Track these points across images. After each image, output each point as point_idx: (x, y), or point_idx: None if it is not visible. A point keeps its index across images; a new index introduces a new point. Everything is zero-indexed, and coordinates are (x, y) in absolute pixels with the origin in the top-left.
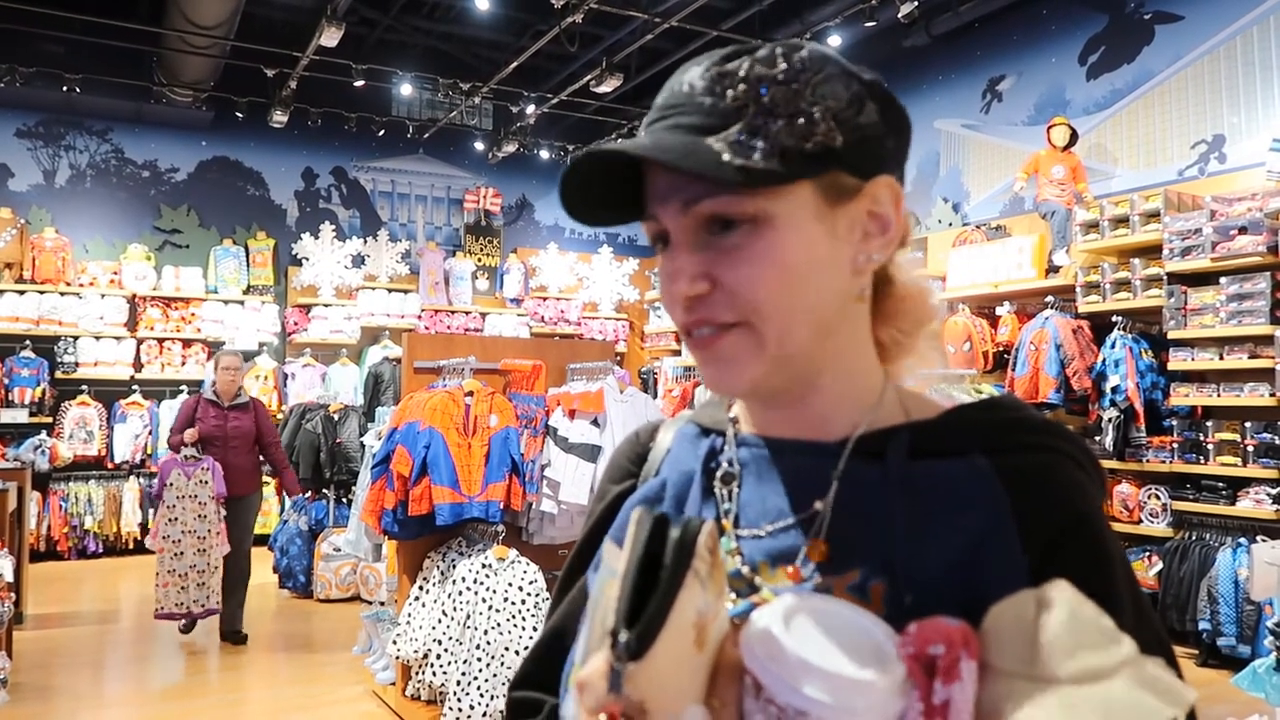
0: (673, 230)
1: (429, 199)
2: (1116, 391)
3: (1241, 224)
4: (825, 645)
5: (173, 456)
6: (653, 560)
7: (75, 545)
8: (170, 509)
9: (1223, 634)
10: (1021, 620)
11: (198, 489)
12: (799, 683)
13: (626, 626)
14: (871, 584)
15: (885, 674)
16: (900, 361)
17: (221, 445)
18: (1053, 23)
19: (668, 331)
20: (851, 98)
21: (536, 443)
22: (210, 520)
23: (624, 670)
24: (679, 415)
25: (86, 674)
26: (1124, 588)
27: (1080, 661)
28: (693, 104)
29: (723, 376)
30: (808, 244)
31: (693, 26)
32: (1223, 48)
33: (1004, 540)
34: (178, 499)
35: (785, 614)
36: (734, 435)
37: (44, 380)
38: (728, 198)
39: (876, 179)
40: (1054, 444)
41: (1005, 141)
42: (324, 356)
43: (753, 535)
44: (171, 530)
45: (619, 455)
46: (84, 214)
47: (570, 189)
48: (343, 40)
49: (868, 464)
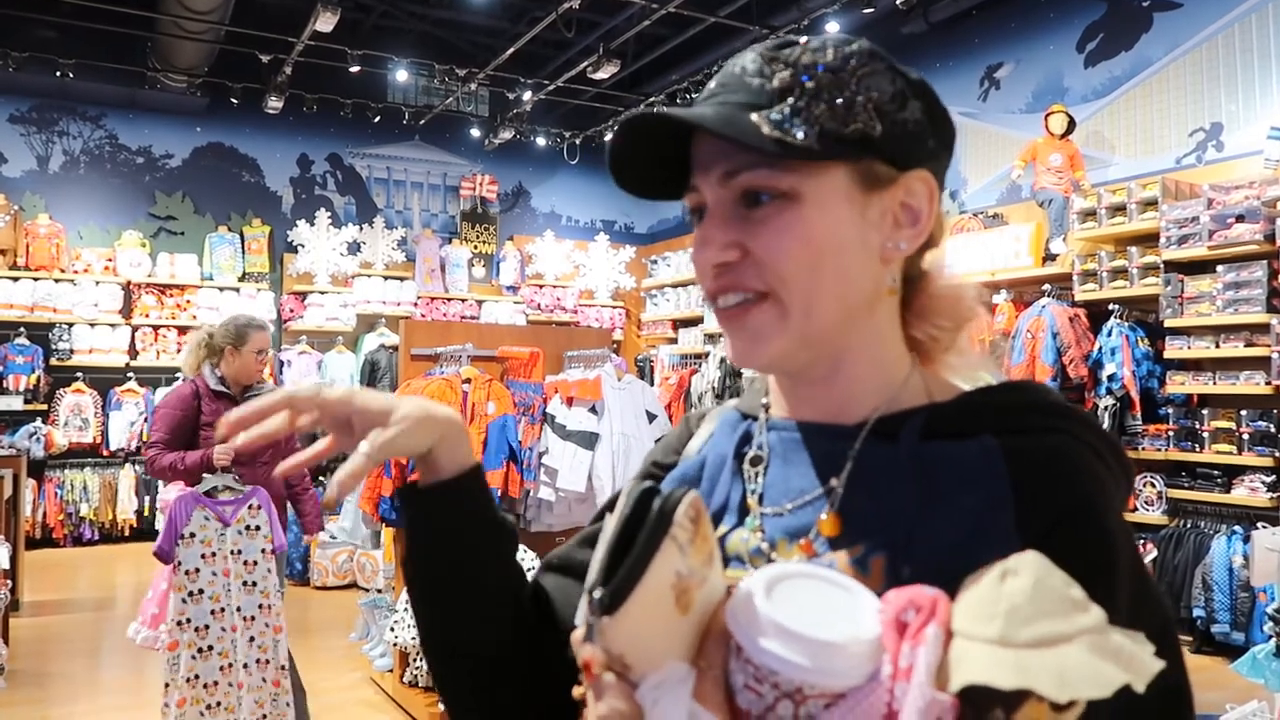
0: (710, 201)
1: (425, 186)
2: (1113, 379)
3: (1239, 212)
4: (803, 611)
5: (187, 491)
6: (638, 527)
7: (71, 532)
8: (190, 578)
9: (1217, 621)
10: (985, 586)
11: (243, 540)
12: (773, 645)
13: (603, 584)
14: (873, 558)
15: (856, 638)
16: (942, 358)
17: (248, 462)
18: (1051, 10)
19: (664, 319)
20: (895, 93)
21: (534, 430)
22: (267, 590)
23: (598, 624)
24: (727, 403)
25: (83, 661)
26: (1124, 574)
27: (1039, 627)
28: (742, 84)
29: (749, 349)
30: (835, 223)
31: (690, 13)
32: (1221, 36)
33: (1002, 521)
34: (204, 560)
35: (769, 581)
36: (765, 420)
37: (39, 367)
38: (766, 171)
39: (913, 172)
40: (1067, 428)
41: (1003, 129)
42: (320, 344)
43: (775, 513)
44: (195, 612)
45: (671, 436)
46: (78, 200)
47: (621, 154)
48: (338, 26)
49: (883, 444)
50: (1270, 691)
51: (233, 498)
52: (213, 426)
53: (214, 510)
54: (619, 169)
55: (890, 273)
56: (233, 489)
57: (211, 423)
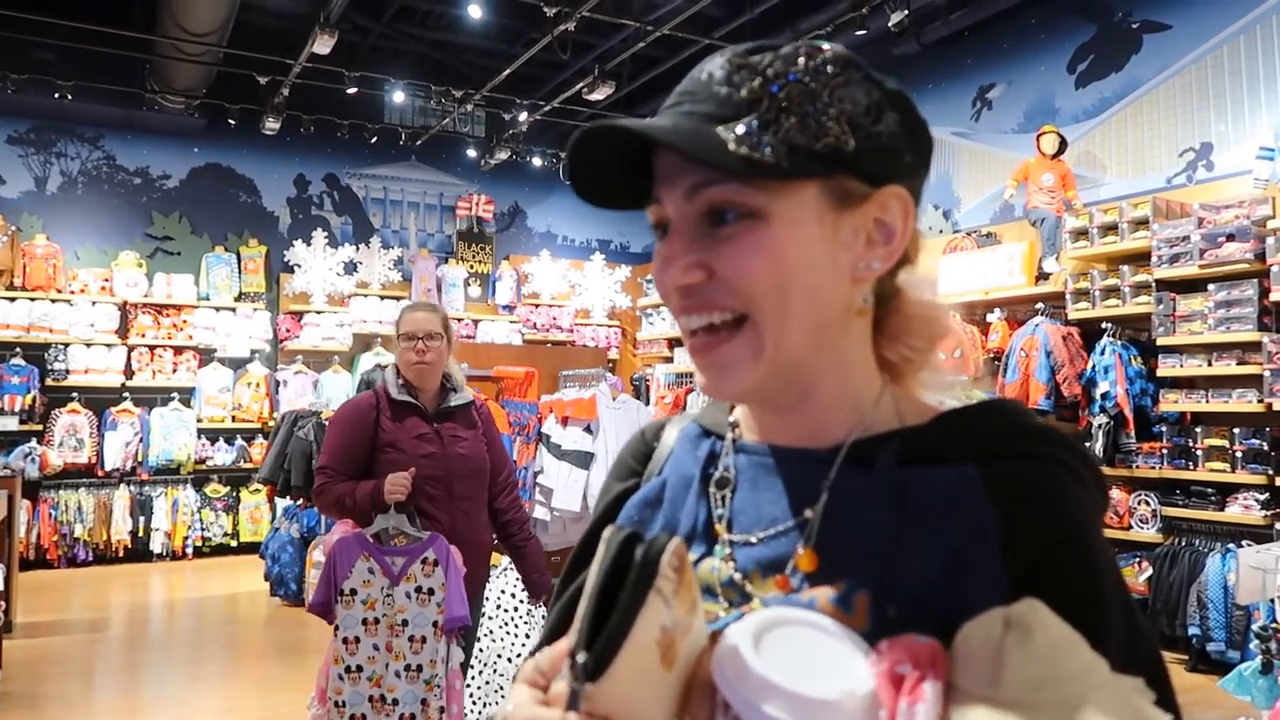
0: (674, 216)
1: (421, 206)
2: (1106, 398)
3: (1229, 231)
4: (793, 664)
5: (352, 532)
6: (620, 578)
7: (65, 553)
8: (349, 649)
9: (1212, 639)
10: (988, 642)
11: (411, 607)
12: (762, 703)
13: (586, 648)
14: (856, 595)
15: (850, 694)
16: (913, 377)
17: (443, 496)
18: (1042, 31)
19: (660, 339)
20: (870, 105)
21: (529, 450)
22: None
23: (582, 691)
24: (684, 414)
25: (76, 683)
26: (1113, 605)
27: (1046, 686)
28: (709, 92)
29: (719, 382)
30: (804, 242)
31: (684, 35)
32: (1210, 56)
33: (987, 553)
34: (365, 627)
35: (756, 632)
36: (732, 441)
37: (34, 387)
38: (733, 187)
39: (887, 188)
40: (1049, 452)
41: (995, 149)
42: (316, 363)
43: (744, 542)
44: (352, 696)
45: (625, 453)
46: (75, 221)
47: (578, 163)
48: (335, 47)
49: (858, 472)
50: (1257, 709)
51: (407, 545)
52: (395, 447)
53: (380, 562)
54: (577, 177)
55: (862, 292)
56: (407, 534)
57: (394, 442)
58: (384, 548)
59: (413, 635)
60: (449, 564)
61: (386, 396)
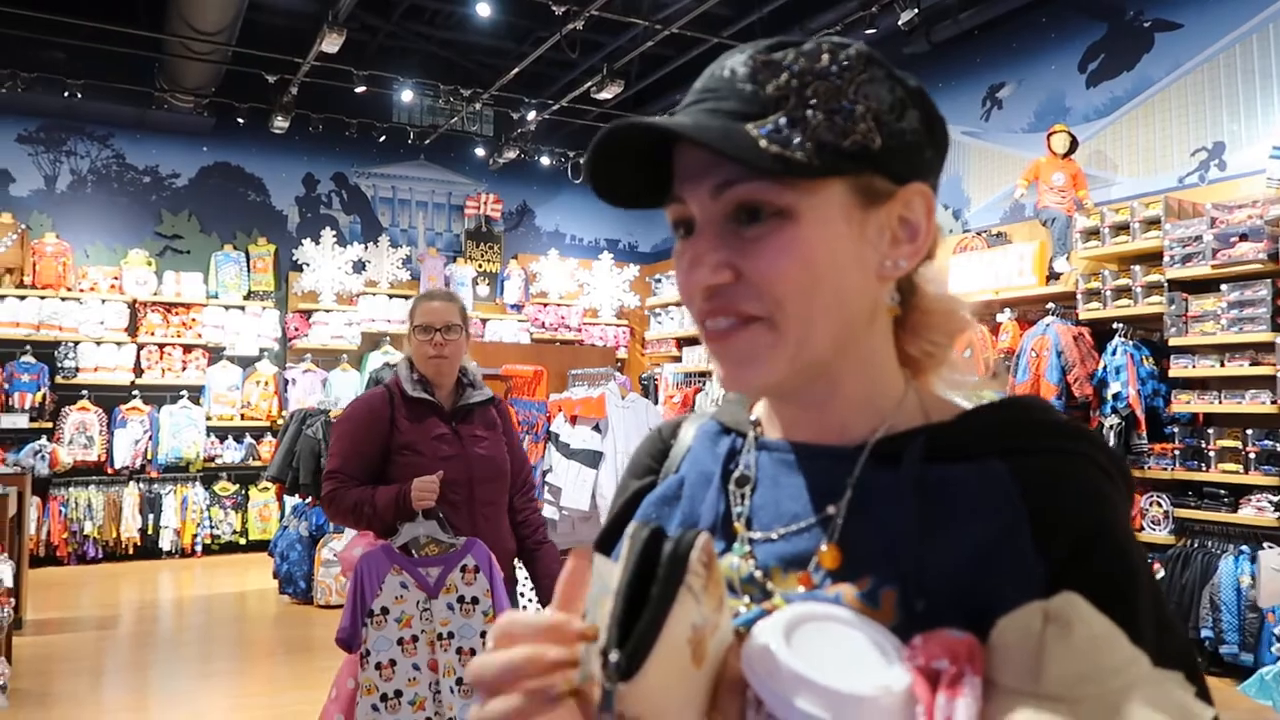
0: (699, 215)
1: (430, 205)
2: (1118, 398)
3: (1242, 231)
4: (826, 660)
5: (376, 545)
6: (648, 575)
7: (75, 550)
8: (384, 674)
9: (1225, 642)
10: (1028, 636)
11: (455, 619)
12: (796, 699)
13: (617, 646)
14: (883, 591)
15: (886, 689)
16: (934, 373)
17: (464, 502)
18: (1052, 30)
19: (669, 338)
20: (894, 102)
21: (538, 449)
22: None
23: (615, 690)
24: (700, 412)
25: (86, 680)
26: (1146, 600)
27: (1088, 681)
28: (732, 90)
29: (740, 375)
30: (832, 242)
31: (693, 33)
32: (1222, 55)
33: (1019, 548)
34: (402, 647)
35: (787, 627)
36: (754, 438)
37: (44, 385)
38: (762, 184)
39: (910, 185)
40: (1075, 448)
41: (1005, 149)
42: (325, 362)
43: (764, 539)
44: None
45: (641, 451)
46: (85, 219)
47: (600, 161)
48: (344, 46)
49: (883, 469)
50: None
51: (440, 554)
52: (412, 449)
53: (413, 575)
54: (598, 176)
55: (887, 290)
56: (440, 542)
57: (411, 444)
58: (414, 560)
59: (461, 647)
60: (491, 569)
61: (401, 393)
